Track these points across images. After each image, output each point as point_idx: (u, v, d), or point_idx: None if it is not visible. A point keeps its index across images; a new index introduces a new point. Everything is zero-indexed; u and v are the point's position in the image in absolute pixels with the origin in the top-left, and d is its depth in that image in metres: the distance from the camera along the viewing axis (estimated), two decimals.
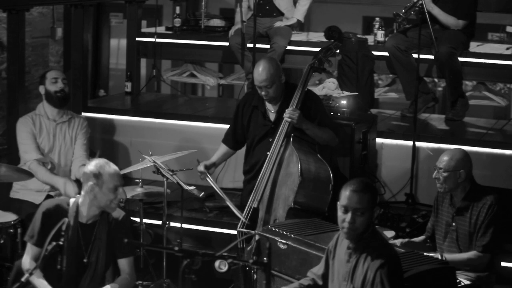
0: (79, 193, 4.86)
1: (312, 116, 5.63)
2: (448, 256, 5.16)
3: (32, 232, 4.73)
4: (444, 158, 5.24)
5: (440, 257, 5.09)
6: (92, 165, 4.72)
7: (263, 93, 5.63)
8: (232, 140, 5.95)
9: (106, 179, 4.65)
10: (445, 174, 5.20)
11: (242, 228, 5.56)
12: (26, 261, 4.72)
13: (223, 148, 6.00)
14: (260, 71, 5.59)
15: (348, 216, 4.02)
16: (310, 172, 5.44)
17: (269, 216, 5.51)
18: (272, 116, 5.72)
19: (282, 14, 7.90)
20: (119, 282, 4.77)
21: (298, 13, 7.88)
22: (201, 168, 5.80)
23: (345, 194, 4.04)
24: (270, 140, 5.66)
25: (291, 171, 5.44)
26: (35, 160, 6.12)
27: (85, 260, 4.70)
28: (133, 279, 4.87)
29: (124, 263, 4.82)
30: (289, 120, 5.51)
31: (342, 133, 6.02)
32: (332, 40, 6.13)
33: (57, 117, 6.36)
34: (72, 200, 4.77)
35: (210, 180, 5.77)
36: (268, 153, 5.60)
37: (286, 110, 5.54)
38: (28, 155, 6.17)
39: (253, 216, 5.57)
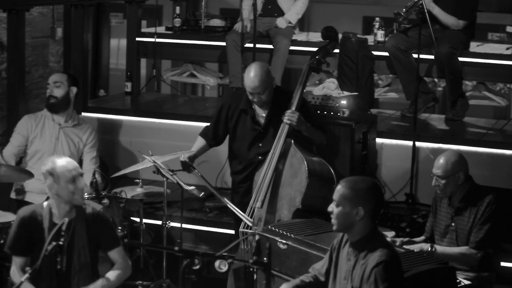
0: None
1: (305, 118, 5.59)
2: (439, 248, 5.16)
3: (10, 242, 4.75)
4: (440, 164, 5.21)
5: (430, 249, 5.10)
6: (45, 164, 4.73)
7: (255, 99, 5.60)
8: (212, 138, 5.92)
9: (60, 172, 4.65)
10: (443, 181, 5.18)
11: (246, 228, 5.51)
12: (14, 272, 4.73)
13: (201, 142, 5.95)
14: (252, 77, 5.54)
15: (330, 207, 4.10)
16: (316, 172, 5.41)
17: (271, 216, 5.48)
18: (261, 120, 5.69)
19: (283, 14, 7.91)
20: (111, 273, 4.78)
21: (291, 16, 7.86)
22: (185, 159, 5.73)
23: None
24: (260, 145, 5.65)
25: (297, 172, 5.41)
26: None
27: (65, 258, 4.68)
28: (127, 266, 4.87)
29: (113, 254, 4.83)
30: (288, 122, 5.49)
31: (329, 133, 6.01)
32: (328, 41, 6.11)
33: (61, 120, 6.36)
34: (45, 203, 4.77)
35: (198, 174, 5.73)
36: (260, 157, 5.59)
37: (285, 112, 5.51)
38: (5, 149, 6.29)
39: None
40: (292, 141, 5.50)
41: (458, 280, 4.92)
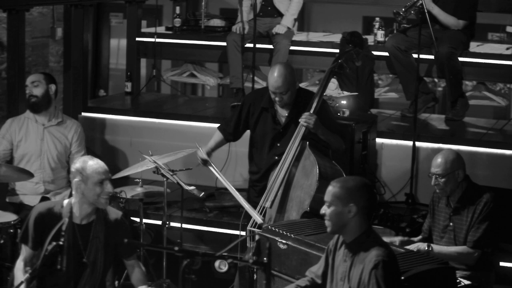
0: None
1: (324, 122, 5.57)
2: (436, 247, 5.16)
3: (25, 234, 4.74)
4: (438, 162, 5.21)
5: (427, 248, 5.09)
6: (76, 162, 4.75)
7: (277, 99, 5.57)
8: (231, 133, 5.91)
9: (90, 173, 4.66)
10: (443, 179, 5.18)
11: (254, 227, 5.48)
12: (19, 263, 4.74)
13: (219, 136, 5.95)
14: (276, 77, 5.50)
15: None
16: (328, 176, 5.35)
17: (280, 216, 5.45)
18: (282, 120, 5.67)
19: (281, 15, 7.90)
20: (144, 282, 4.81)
21: (287, 20, 7.84)
22: (203, 155, 5.78)
23: None
24: (278, 145, 5.62)
25: (308, 175, 5.38)
26: None
27: (84, 260, 4.69)
28: (144, 273, 4.90)
29: (132, 262, 4.84)
30: (305, 124, 5.44)
31: (347, 137, 5.99)
32: (351, 45, 6.06)
33: (44, 120, 6.33)
34: (65, 202, 4.77)
35: (213, 168, 5.75)
36: (276, 157, 5.57)
37: (303, 114, 5.48)
38: None
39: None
40: (307, 143, 5.46)
41: (458, 280, 4.92)
